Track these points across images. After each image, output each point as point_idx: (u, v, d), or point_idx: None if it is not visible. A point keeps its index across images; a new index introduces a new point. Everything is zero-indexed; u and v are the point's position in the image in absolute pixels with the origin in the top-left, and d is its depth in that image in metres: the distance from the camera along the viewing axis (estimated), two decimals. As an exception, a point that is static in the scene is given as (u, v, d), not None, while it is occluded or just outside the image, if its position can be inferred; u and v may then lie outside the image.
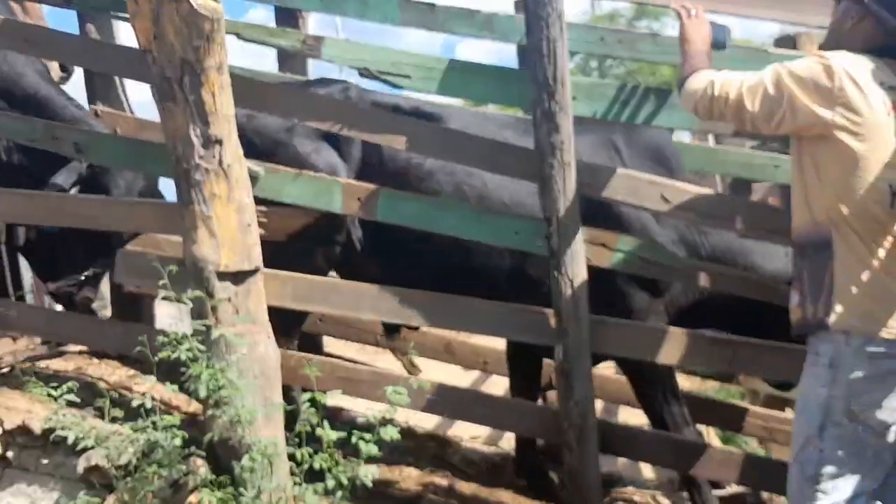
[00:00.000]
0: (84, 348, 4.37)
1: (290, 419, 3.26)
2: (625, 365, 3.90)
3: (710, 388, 7.25)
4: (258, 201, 3.40)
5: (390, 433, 3.04)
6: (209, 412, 3.15)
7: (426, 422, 5.14)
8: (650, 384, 3.79)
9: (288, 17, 4.58)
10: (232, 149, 3.24)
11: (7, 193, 3.95)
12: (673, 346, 3.42)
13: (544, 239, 3.35)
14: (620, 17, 20.65)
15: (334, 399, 3.33)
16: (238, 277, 3.26)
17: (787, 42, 4.55)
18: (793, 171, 2.71)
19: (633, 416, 5.67)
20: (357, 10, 3.75)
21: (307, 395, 3.04)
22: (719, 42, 2.98)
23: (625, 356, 3.65)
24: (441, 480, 4.02)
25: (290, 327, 3.81)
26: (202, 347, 3.07)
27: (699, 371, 5.54)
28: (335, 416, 4.08)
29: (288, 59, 4.78)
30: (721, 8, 3.31)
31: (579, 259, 3.32)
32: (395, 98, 3.85)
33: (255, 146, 3.58)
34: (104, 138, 3.77)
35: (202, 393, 3.03)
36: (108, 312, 4.82)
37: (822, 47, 2.80)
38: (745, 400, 5.92)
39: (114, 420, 3.15)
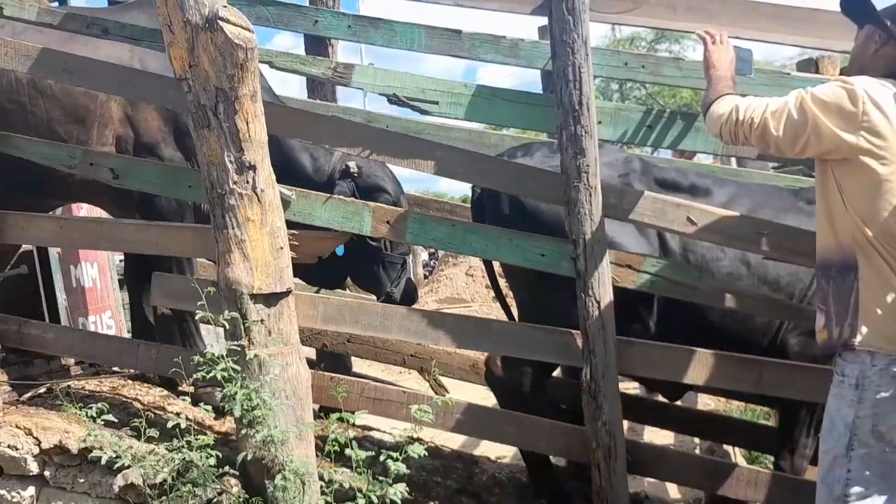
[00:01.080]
0: (118, 369, 4.44)
1: (320, 439, 3.32)
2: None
3: (734, 407, 7.25)
4: (290, 225, 3.46)
5: (417, 451, 3.09)
6: (243, 431, 3.20)
7: (452, 441, 5.18)
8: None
9: (317, 45, 4.67)
10: (265, 174, 3.32)
11: (41, 219, 4.06)
12: (699, 367, 3.45)
13: (571, 261, 3.40)
14: (641, 39, 20.73)
15: (364, 419, 3.39)
16: (271, 299, 3.34)
17: (809, 65, 4.60)
18: (817, 194, 2.74)
19: (658, 436, 5.69)
20: (384, 38, 3.82)
21: (335, 416, 3.09)
22: (744, 67, 3.03)
23: (649, 376, 3.67)
24: (468, 500, 4.05)
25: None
26: (237, 367, 3.13)
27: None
28: (364, 437, 4.14)
29: (317, 85, 4.88)
30: (744, 33, 3.36)
31: (605, 280, 3.36)
32: (671, 172, 3.89)
33: None
34: (140, 164, 3.85)
35: (237, 412, 3.10)
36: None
37: (846, 72, 2.83)
38: (771, 420, 5.91)
39: (149, 440, 3.20)
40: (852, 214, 2.56)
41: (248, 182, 3.28)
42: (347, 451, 3.03)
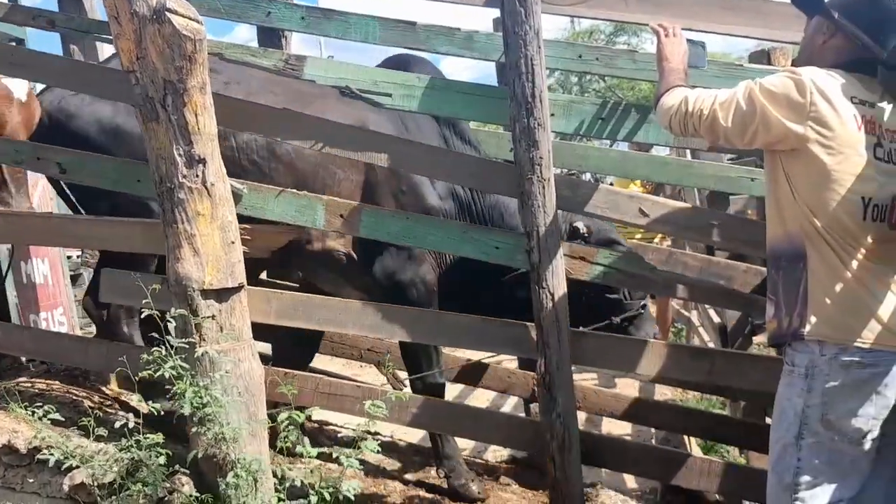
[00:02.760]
0: (66, 368, 4.37)
1: (273, 435, 3.29)
2: None
3: (691, 397, 7.32)
4: (242, 219, 3.42)
5: (370, 447, 3.07)
6: (194, 429, 3.16)
7: (411, 435, 5.17)
8: None
9: (270, 37, 4.61)
10: (215, 167, 3.27)
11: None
12: (652, 358, 3.46)
13: (525, 253, 3.40)
14: (600, 32, 20.84)
15: (321, 413, 3.36)
16: (222, 295, 3.29)
17: (761, 56, 4.62)
18: (766, 184, 2.75)
19: (616, 427, 5.72)
20: (338, 30, 3.79)
21: (286, 413, 3.06)
22: (696, 60, 3.04)
23: (603, 368, 3.69)
24: (426, 494, 4.04)
25: None
26: (186, 365, 3.09)
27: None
28: (319, 431, 4.11)
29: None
30: (696, 25, 3.37)
31: (559, 272, 3.36)
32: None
33: None
34: (88, 158, 3.77)
35: (186, 410, 3.05)
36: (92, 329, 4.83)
37: (795, 63, 2.86)
38: (726, 409, 5.98)
39: (98, 439, 3.15)
40: (801, 205, 2.57)
41: (197, 176, 3.23)
42: (299, 449, 3.01)
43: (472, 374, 4.68)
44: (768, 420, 4.48)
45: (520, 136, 3.30)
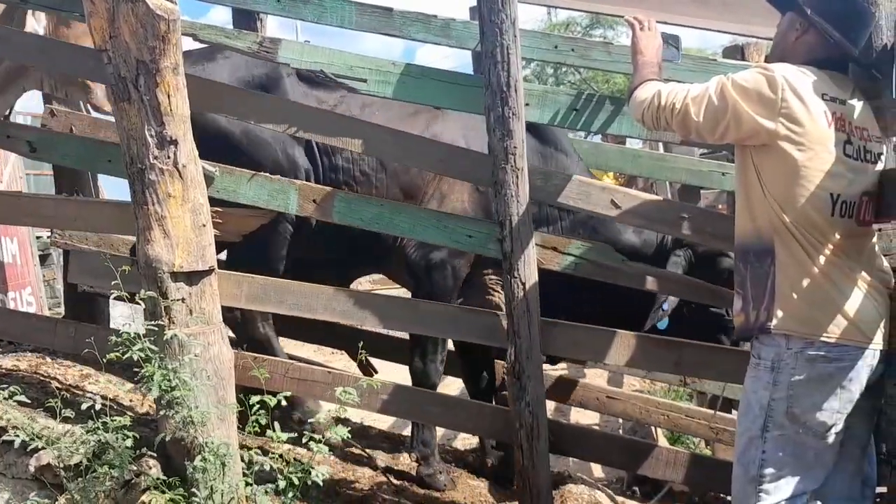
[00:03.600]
0: (36, 347, 4.33)
1: (242, 419, 3.28)
2: None
3: (658, 389, 7.39)
4: (213, 202, 3.40)
5: (340, 433, 3.07)
6: (161, 412, 3.15)
7: (381, 422, 5.18)
8: None
9: (246, 19, 4.58)
10: (187, 149, 3.24)
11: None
12: (621, 348, 3.49)
13: (497, 242, 3.40)
14: (576, 24, 20.86)
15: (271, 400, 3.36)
16: (192, 278, 3.27)
17: (735, 52, 4.66)
18: (736, 179, 2.78)
19: (584, 417, 5.76)
20: (314, 14, 3.76)
21: (257, 397, 3.06)
22: (671, 54, 3.05)
23: (573, 357, 3.71)
24: (394, 480, 4.05)
25: None
26: (154, 348, 3.07)
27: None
28: (288, 416, 4.09)
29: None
30: (671, 19, 3.39)
31: (531, 262, 3.37)
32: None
33: None
34: (59, 138, 3.74)
35: (154, 393, 3.03)
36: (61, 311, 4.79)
37: (768, 59, 2.87)
38: (693, 401, 6.04)
39: (65, 420, 3.12)
40: (770, 200, 2.60)
41: (169, 157, 3.20)
42: (269, 433, 3.00)
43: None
44: (734, 413, 4.55)
45: (494, 126, 3.31)
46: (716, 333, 3.99)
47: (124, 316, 5.85)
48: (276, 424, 3.03)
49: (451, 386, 6.57)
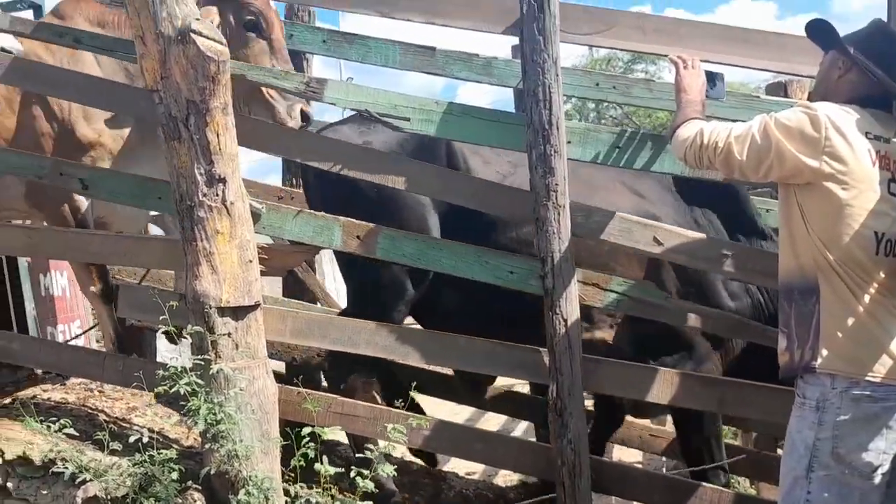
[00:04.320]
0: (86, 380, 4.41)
1: (287, 453, 3.32)
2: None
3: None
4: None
5: (387, 470, 3.09)
6: (207, 445, 3.20)
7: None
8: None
9: (293, 59, 4.67)
10: (235, 187, 3.32)
11: (8, 229, 4.03)
12: (663, 385, 3.47)
13: (539, 278, 3.42)
14: (618, 59, 20.87)
15: (331, 433, 3.39)
16: (238, 313, 3.33)
17: (778, 88, 4.65)
18: (780, 217, 2.77)
19: (626, 455, 5.71)
20: (359, 54, 3.84)
21: (307, 430, 3.09)
22: (715, 93, 3.07)
23: (615, 394, 3.70)
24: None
25: None
26: (201, 382, 3.12)
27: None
28: (330, 451, 4.13)
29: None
30: (713, 57, 3.39)
31: (573, 299, 3.38)
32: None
33: None
34: (109, 175, 3.84)
35: (200, 427, 3.09)
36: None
37: (811, 97, 2.88)
38: (738, 439, 5.96)
39: (113, 453, 3.19)
40: (814, 238, 2.59)
41: (217, 194, 3.28)
42: (317, 466, 3.03)
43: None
44: (780, 451, 4.49)
45: (536, 163, 3.34)
46: None
47: (170, 349, 5.92)
48: (325, 458, 3.06)
49: (491, 421, 6.56)
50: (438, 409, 5.45)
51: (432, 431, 3.62)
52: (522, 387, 5.59)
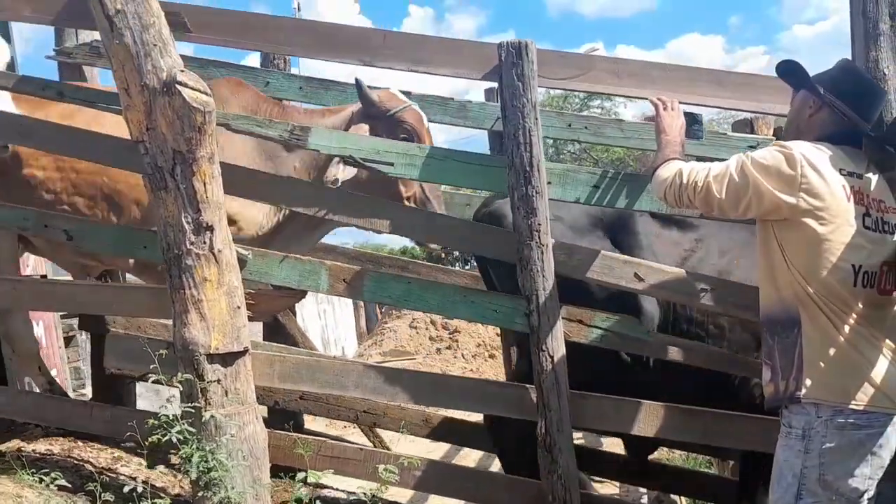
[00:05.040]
0: (67, 431, 4.36)
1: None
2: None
3: (677, 457, 7.37)
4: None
5: (380, 512, 3.12)
6: (199, 493, 3.19)
7: (401, 495, 5.17)
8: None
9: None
10: (222, 234, 3.35)
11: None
12: (649, 419, 3.54)
13: (524, 316, 3.48)
14: (575, 97, 21.19)
15: (315, 477, 3.41)
16: (227, 359, 3.35)
17: (744, 125, 4.80)
18: (759, 252, 2.85)
19: (605, 488, 5.75)
20: (336, 99, 3.92)
21: (301, 475, 3.10)
22: (694, 133, 3.17)
23: (602, 429, 3.75)
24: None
25: None
26: (192, 429, 3.13)
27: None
28: (316, 495, 4.12)
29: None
30: (686, 98, 3.50)
31: (558, 335, 3.45)
32: None
33: None
34: (95, 226, 3.85)
35: (193, 475, 3.09)
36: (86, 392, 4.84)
37: (783, 136, 2.99)
38: (713, 468, 6.04)
39: (105, 504, 3.17)
40: (794, 272, 2.67)
41: (205, 242, 3.31)
42: (309, 511, 3.05)
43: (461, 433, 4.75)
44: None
45: (518, 204, 3.41)
46: None
47: (143, 397, 5.88)
48: (318, 503, 3.07)
49: (468, 458, 6.58)
50: (410, 447, 5.48)
51: (423, 472, 3.64)
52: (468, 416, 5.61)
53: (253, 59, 4.86)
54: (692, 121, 3.19)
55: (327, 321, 15.26)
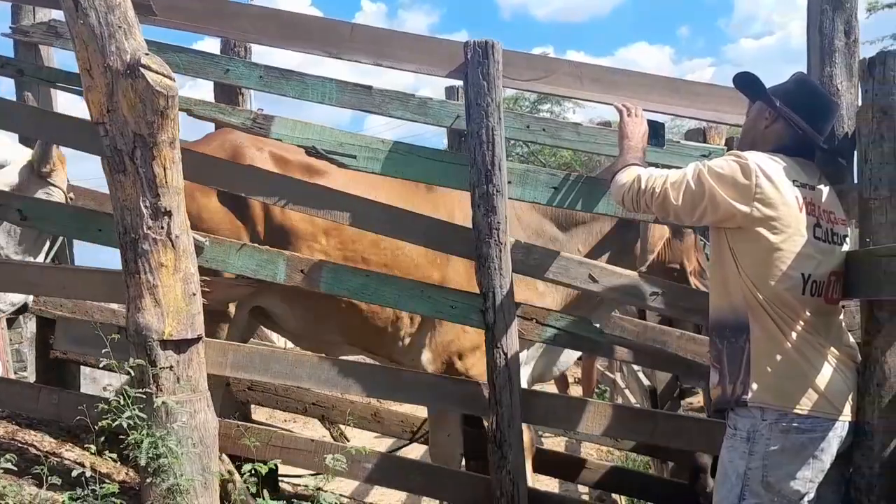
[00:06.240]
0: (9, 414, 4.30)
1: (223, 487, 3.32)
2: None
3: (616, 457, 7.49)
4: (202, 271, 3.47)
5: (329, 500, 3.12)
6: (148, 480, 3.17)
7: (344, 487, 5.19)
8: None
9: (228, 94, 4.71)
10: (180, 220, 3.33)
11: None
12: (597, 418, 3.60)
13: (479, 313, 3.52)
14: (525, 99, 21.28)
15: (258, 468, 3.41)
16: (181, 346, 3.33)
17: (697, 134, 4.90)
18: (711, 258, 2.93)
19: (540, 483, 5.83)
20: (296, 90, 3.89)
21: (248, 465, 3.10)
22: (656, 140, 3.23)
23: (551, 426, 3.81)
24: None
25: None
26: (143, 415, 3.11)
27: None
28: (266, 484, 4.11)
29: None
30: (645, 105, 3.55)
31: (513, 333, 3.50)
32: None
33: None
34: (49, 206, 3.79)
35: (142, 461, 3.07)
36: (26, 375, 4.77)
37: (739, 146, 3.06)
38: (651, 469, 6.16)
39: (52, 488, 3.13)
40: (744, 278, 2.74)
41: (162, 227, 3.28)
42: (260, 502, 3.04)
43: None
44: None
45: (479, 202, 3.45)
46: None
47: (88, 378, 5.81)
48: (265, 492, 3.07)
49: (416, 451, 6.61)
50: (357, 437, 5.50)
51: (372, 464, 3.67)
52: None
53: (211, 45, 4.79)
54: (658, 128, 3.24)
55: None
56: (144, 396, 3.19)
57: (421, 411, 4.91)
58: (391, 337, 4.09)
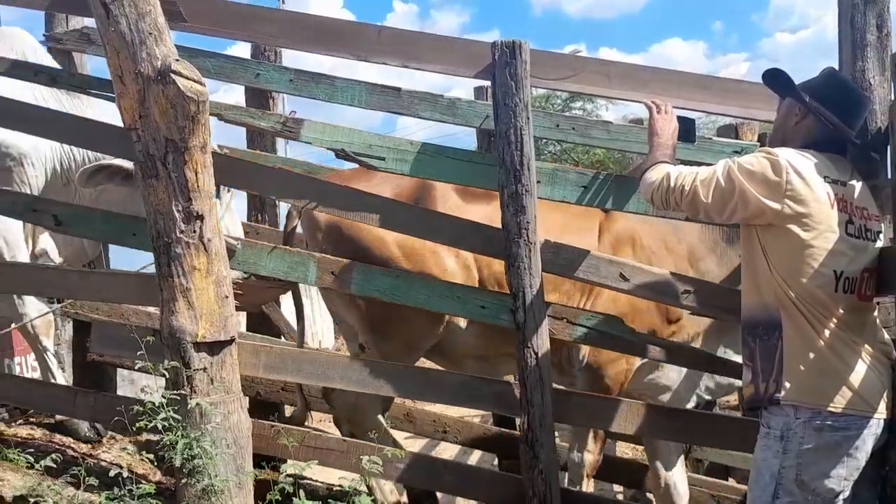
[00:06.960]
0: (45, 417, 4.37)
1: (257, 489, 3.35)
2: None
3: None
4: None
5: (364, 502, 3.15)
6: (183, 481, 3.21)
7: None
8: None
9: (258, 98, 4.75)
10: (212, 223, 3.37)
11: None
12: (629, 417, 3.59)
13: (510, 313, 3.52)
14: (557, 97, 21.18)
15: (295, 467, 3.44)
16: (214, 348, 3.37)
17: (729, 130, 4.87)
18: (743, 256, 2.91)
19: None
20: (326, 93, 3.92)
21: (288, 465, 3.13)
22: (688, 136, 3.21)
23: (583, 426, 3.80)
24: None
25: None
26: (177, 417, 3.15)
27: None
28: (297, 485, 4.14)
29: (256, 136, 4.96)
30: (674, 102, 3.53)
31: (544, 333, 3.49)
32: None
33: None
34: (84, 212, 3.85)
35: (177, 462, 3.11)
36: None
37: (769, 142, 3.04)
38: (688, 468, 6.11)
39: (89, 488, 3.18)
40: (776, 276, 2.72)
41: (195, 231, 3.33)
42: (296, 501, 3.07)
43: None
44: (731, 481, 4.64)
45: (508, 202, 3.45)
46: None
47: (119, 387, 5.87)
48: (302, 493, 3.10)
49: (448, 451, 6.63)
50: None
51: (406, 464, 3.68)
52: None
53: (242, 50, 4.85)
54: (689, 125, 3.22)
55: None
56: (179, 398, 3.24)
57: (452, 411, 4.92)
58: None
